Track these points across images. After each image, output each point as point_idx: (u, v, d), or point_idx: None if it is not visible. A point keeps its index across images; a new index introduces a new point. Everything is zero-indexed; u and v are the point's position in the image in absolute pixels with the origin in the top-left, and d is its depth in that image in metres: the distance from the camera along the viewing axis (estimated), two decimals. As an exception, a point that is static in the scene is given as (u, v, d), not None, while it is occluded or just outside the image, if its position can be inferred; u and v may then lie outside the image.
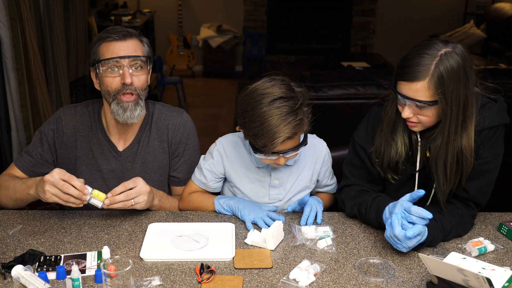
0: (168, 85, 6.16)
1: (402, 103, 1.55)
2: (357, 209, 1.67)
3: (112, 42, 1.67)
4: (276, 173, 1.76)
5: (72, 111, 1.83)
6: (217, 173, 1.80)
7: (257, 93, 1.55)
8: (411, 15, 7.18)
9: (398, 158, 1.65)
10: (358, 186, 1.75)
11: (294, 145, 1.59)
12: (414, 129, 1.60)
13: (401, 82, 1.52)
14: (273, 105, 1.52)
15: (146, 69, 1.73)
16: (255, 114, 1.53)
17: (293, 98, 1.55)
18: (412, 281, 1.39)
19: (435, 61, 1.46)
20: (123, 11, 6.35)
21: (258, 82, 1.59)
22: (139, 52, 1.70)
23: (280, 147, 1.56)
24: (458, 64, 1.47)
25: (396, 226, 1.43)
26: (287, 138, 1.53)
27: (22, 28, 3.37)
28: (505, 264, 1.47)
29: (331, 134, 2.73)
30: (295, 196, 1.81)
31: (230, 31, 7.11)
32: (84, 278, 1.38)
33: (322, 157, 1.83)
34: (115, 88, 1.68)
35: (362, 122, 1.77)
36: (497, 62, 5.48)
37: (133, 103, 1.69)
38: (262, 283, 1.37)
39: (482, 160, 1.61)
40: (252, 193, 1.79)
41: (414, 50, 1.52)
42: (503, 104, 1.63)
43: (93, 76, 1.76)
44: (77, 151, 1.81)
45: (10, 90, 3.42)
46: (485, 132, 1.59)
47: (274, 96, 1.53)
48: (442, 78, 1.46)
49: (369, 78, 2.84)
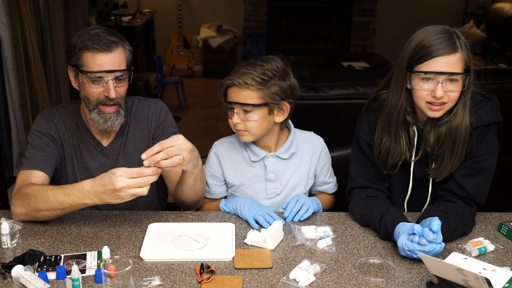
0: (168, 85, 6.17)
1: (431, 85, 1.54)
2: (366, 223, 1.66)
3: (97, 53, 1.64)
4: (271, 166, 1.79)
5: (55, 111, 1.83)
6: (217, 176, 1.83)
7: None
8: (411, 15, 7.18)
9: (400, 157, 1.66)
10: (365, 192, 1.72)
11: (244, 101, 1.67)
12: (437, 113, 1.58)
13: (434, 59, 1.52)
14: (253, 58, 1.72)
15: (127, 78, 1.73)
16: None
17: (272, 64, 1.69)
18: (412, 281, 1.39)
19: (454, 35, 1.54)
20: (123, 11, 6.35)
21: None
22: (123, 64, 1.69)
23: (231, 95, 1.69)
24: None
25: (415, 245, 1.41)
26: (234, 83, 1.66)
27: (22, 28, 3.38)
28: (505, 264, 1.47)
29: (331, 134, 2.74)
30: (293, 190, 1.82)
31: (230, 31, 7.11)
32: (84, 278, 1.38)
33: (319, 152, 1.85)
34: (97, 98, 1.69)
35: (362, 118, 1.76)
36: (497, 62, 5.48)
37: (114, 114, 1.71)
38: (262, 283, 1.37)
39: (478, 158, 1.62)
40: (250, 189, 1.81)
41: (425, 32, 1.56)
42: (496, 103, 1.65)
43: (71, 75, 1.75)
44: (66, 149, 1.82)
45: (10, 90, 3.42)
46: (480, 130, 1.61)
47: (265, 56, 1.74)
48: (467, 48, 1.54)
49: (369, 78, 2.84)
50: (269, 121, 1.72)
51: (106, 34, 1.67)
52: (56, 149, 1.78)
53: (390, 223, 1.54)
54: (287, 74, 1.72)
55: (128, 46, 1.74)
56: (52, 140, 1.78)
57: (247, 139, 1.75)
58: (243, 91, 1.66)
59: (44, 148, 1.75)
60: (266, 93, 1.66)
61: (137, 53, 5.77)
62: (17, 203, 1.61)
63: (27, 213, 1.60)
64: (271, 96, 1.67)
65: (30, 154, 1.74)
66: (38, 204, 1.56)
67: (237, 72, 1.68)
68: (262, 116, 1.69)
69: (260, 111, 1.68)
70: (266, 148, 1.81)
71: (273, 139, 1.80)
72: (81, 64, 1.66)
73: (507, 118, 1.74)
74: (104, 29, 1.69)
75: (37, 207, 1.57)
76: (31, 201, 1.57)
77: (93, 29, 1.69)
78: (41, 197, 1.55)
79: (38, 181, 1.68)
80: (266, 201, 1.82)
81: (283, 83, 1.69)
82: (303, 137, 1.87)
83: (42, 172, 1.71)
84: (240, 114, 1.69)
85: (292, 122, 1.87)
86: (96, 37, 1.65)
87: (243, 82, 1.65)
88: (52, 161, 1.75)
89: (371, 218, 1.62)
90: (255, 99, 1.66)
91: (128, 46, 1.74)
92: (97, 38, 1.64)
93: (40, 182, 1.68)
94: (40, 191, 1.57)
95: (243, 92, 1.66)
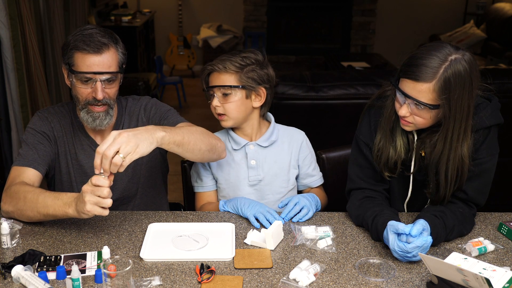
0: (168, 85, 6.17)
1: (401, 101, 1.54)
2: (361, 223, 1.66)
3: (87, 54, 1.64)
4: (252, 154, 1.87)
5: (51, 110, 1.84)
6: (207, 168, 1.91)
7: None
8: (411, 15, 7.18)
9: (397, 158, 1.65)
10: (363, 192, 1.72)
11: (223, 83, 1.78)
12: (406, 128, 1.59)
13: (405, 80, 1.50)
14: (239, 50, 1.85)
15: (118, 79, 1.73)
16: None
17: (252, 55, 1.80)
18: (412, 281, 1.39)
19: (444, 65, 1.45)
20: (123, 11, 6.35)
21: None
22: (113, 66, 1.68)
23: (211, 80, 1.82)
24: (466, 71, 1.45)
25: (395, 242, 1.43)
26: (214, 69, 1.79)
27: (22, 28, 3.37)
28: (505, 264, 1.47)
29: (331, 134, 2.75)
30: (275, 178, 1.87)
31: (230, 31, 7.11)
32: (84, 278, 1.38)
33: (300, 143, 1.92)
34: (86, 98, 1.70)
35: (363, 119, 1.76)
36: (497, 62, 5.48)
37: (103, 113, 1.73)
38: (262, 283, 1.37)
39: (478, 160, 1.61)
40: (233, 177, 1.87)
41: (424, 49, 1.49)
42: (497, 104, 1.63)
43: (65, 73, 1.75)
44: (60, 148, 1.82)
45: (10, 90, 3.41)
46: (480, 132, 1.59)
47: (247, 49, 1.86)
48: (449, 83, 1.44)
49: (369, 78, 2.84)
50: (247, 106, 1.82)
51: (99, 35, 1.66)
52: (50, 147, 1.79)
53: (381, 224, 1.54)
54: (266, 65, 1.85)
55: (122, 47, 1.73)
56: (46, 138, 1.79)
57: (227, 124, 1.84)
58: (221, 75, 1.79)
59: (38, 146, 1.76)
60: (243, 77, 1.78)
61: (137, 53, 5.77)
62: (6, 200, 1.63)
63: (14, 211, 1.61)
64: (248, 81, 1.79)
65: (24, 151, 1.75)
66: (26, 205, 1.57)
67: (218, 59, 1.82)
68: (239, 99, 1.80)
69: (237, 93, 1.79)
70: (247, 137, 1.89)
71: (253, 127, 1.88)
72: (72, 63, 1.67)
73: (507, 118, 1.73)
74: (98, 30, 1.69)
75: (23, 208, 1.58)
76: (19, 202, 1.58)
77: (88, 29, 1.69)
78: (30, 199, 1.57)
79: (30, 179, 1.69)
80: (249, 188, 1.88)
81: (260, 71, 1.82)
82: (285, 129, 1.95)
83: (35, 169, 1.72)
84: (219, 97, 1.81)
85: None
86: (88, 37, 1.65)
87: (222, 67, 1.78)
88: (45, 159, 1.76)
89: (365, 218, 1.62)
90: (232, 81, 1.79)
91: (122, 47, 1.73)
92: (89, 39, 1.64)
93: (32, 179, 1.69)
94: (31, 193, 1.58)
95: (221, 76, 1.79)
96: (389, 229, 1.45)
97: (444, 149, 1.55)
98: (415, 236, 1.39)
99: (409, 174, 1.68)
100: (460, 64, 1.45)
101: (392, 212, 1.61)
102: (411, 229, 1.40)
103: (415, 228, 1.40)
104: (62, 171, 1.83)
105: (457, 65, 1.45)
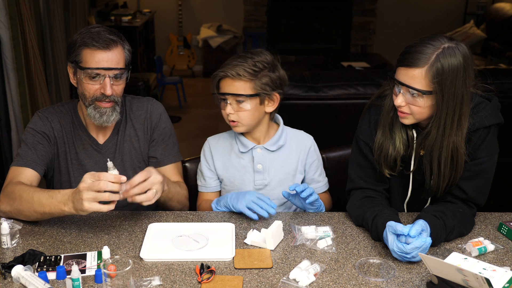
0: (168, 85, 6.16)
1: (397, 91, 1.56)
2: (361, 223, 1.66)
3: (96, 50, 1.67)
4: (258, 157, 1.84)
5: (52, 110, 1.85)
6: (211, 169, 1.88)
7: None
8: (411, 15, 7.18)
9: (396, 154, 1.65)
10: (363, 192, 1.72)
11: (237, 91, 1.73)
12: (404, 121, 1.60)
13: (400, 68, 1.54)
14: (243, 51, 1.81)
15: (125, 76, 1.75)
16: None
17: (262, 56, 1.77)
18: (412, 281, 1.39)
19: (437, 52, 1.48)
20: (123, 11, 6.35)
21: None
22: (121, 63, 1.71)
23: (224, 86, 1.75)
24: (459, 61, 1.48)
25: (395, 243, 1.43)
26: (227, 75, 1.72)
27: (22, 28, 3.37)
28: (505, 264, 1.47)
29: (331, 134, 2.75)
30: (281, 183, 1.85)
31: (230, 31, 7.11)
32: (84, 278, 1.38)
33: (308, 148, 1.89)
34: (93, 95, 1.71)
35: (363, 118, 1.76)
36: (497, 62, 5.48)
37: (110, 109, 1.73)
38: (262, 283, 1.37)
39: (478, 160, 1.61)
40: (239, 181, 1.85)
41: (419, 40, 1.54)
42: (496, 104, 1.64)
43: (70, 71, 1.77)
44: (60, 147, 1.82)
45: (10, 90, 3.41)
46: (480, 132, 1.60)
47: (254, 50, 1.82)
48: (441, 69, 1.47)
49: (369, 78, 2.84)
50: (260, 111, 1.79)
51: (107, 32, 1.70)
52: (50, 147, 1.79)
53: (380, 224, 1.54)
54: (276, 66, 1.82)
55: (128, 46, 1.77)
56: (45, 139, 1.79)
57: (240, 130, 1.81)
58: (235, 82, 1.73)
59: (37, 147, 1.76)
60: (257, 83, 1.74)
61: (137, 53, 5.76)
62: (3, 200, 1.64)
63: (11, 211, 1.62)
64: (263, 87, 1.74)
65: (23, 151, 1.75)
66: (22, 205, 1.58)
67: (229, 65, 1.74)
68: (254, 106, 1.76)
69: (252, 101, 1.75)
70: (255, 140, 1.86)
71: (262, 130, 1.85)
72: (80, 60, 1.69)
73: (507, 118, 1.73)
74: (105, 28, 1.73)
75: (20, 208, 1.59)
76: (16, 201, 1.59)
77: (94, 27, 1.72)
78: (26, 199, 1.57)
79: (28, 179, 1.69)
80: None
81: (273, 74, 1.78)
82: (293, 133, 1.92)
83: (33, 170, 1.73)
84: (233, 104, 1.76)
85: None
86: (96, 35, 1.68)
87: (236, 74, 1.72)
88: (44, 159, 1.77)
89: (364, 218, 1.62)
90: (247, 89, 1.73)
91: (128, 46, 1.77)
92: (97, 36, 1.68)
93: (30, 180, 1.70)
94: (26, 192, 1.58)
95: (235, 83, 1.73)
96: (388, 229, 1.45)
97: (437, 135, 1.56)
98: (413, 236, 1.40)
99: (409, 173, 1.68)
100: (453, 52, 1.49)
101: (392, 212, 1.61)
102: (410, 230, 1.40)
103: (414, 229, 1.40)
104: (62, 171, 1.83)
105: (450, 54, 1.48)
